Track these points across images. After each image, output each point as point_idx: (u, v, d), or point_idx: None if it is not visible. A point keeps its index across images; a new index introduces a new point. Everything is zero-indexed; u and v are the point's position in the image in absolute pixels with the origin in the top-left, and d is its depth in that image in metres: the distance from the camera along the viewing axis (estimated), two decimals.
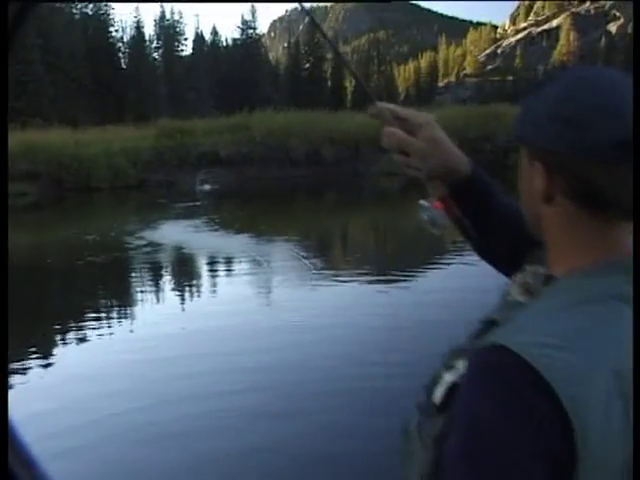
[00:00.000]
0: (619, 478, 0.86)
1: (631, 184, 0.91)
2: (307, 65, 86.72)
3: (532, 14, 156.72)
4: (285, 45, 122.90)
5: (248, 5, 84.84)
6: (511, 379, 0.85)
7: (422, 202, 1.30)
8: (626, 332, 0.87)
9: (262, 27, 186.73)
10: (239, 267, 11.93)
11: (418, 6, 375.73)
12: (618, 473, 0.85)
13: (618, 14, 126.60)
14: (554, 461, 0.81)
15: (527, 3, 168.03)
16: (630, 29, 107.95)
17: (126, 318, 8.51)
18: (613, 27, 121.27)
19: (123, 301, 9.80)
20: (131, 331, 7.86)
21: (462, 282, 9.36)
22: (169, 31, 73.45)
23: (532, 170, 1.01)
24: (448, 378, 0.99)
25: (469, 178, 1.29)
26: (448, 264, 10.92)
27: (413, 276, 10.30)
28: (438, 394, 0.99)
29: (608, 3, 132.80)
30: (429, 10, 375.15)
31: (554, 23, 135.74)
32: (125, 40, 67.75)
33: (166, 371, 6.19)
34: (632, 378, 0.84)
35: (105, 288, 11.27)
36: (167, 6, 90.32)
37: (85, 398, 5.55)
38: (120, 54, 66.63)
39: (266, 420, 4.93)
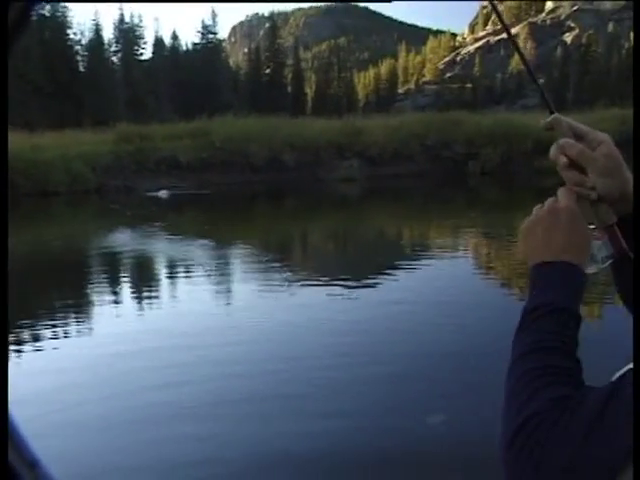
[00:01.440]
0: None
1: None
2: (267, 70, 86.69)
3: (490, 23, 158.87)
4: (245, 50, 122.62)
5: (209, 9, 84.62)
6: None
7: None
8: None
9: (222, 32, 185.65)
10: (193, 273, 11.76)
11: (379, 13, 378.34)
12: None
13: (573, 25, 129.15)
14: None
15: (485, 12, 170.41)
16: (584, 39, 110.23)
17: (79, 321, 8.38)
18: (568, 37, 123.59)
19: (77, 305, 9.63)
20: (85, 332, 7.75)
21: (419, 288, 9.48)
22: (128, 34, 72.68)
23: None
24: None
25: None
26: (408, 269, 11.02)
27: (372, 281, 10.35)
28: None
29: (564, 14, 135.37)
30: (389, 17, 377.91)
31: (512, 32, 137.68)
32: (83, 43, 66.69)
33: (119, 367, 6.23)
34: None
35: (59, 292, 11.09)
36: (126, 9, 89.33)
37: (43, 391, 5.55)
38: (78, 57, 65.61)
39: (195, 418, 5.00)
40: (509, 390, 0.96)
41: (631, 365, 0.90)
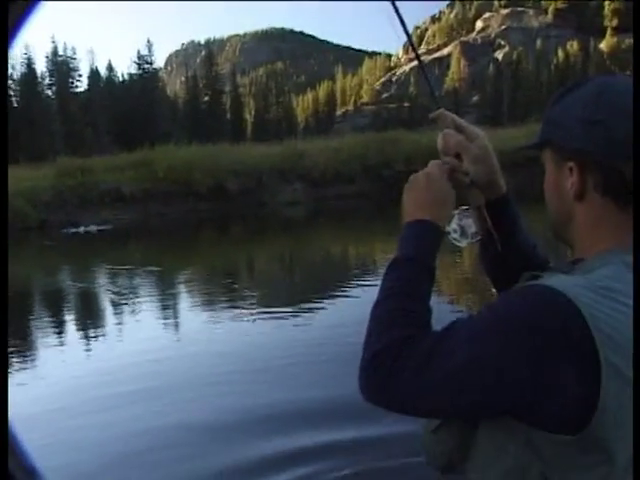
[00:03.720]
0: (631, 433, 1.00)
1: None
2: (206, 98, 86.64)
3: (424, 43, 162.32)
4: (183, 79, 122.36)
5: (144, 39, 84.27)
6: (553, 306, 0.98)
7: (454, 212, 1.37)
8: (626, 290, 1.01)
9: (159, 61, 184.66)
10: (138, 307, 11.58)
11: (314, 37, 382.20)
12: (630, 426, 0.99)
13: (503, 42, 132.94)
14: (579, 379, 0.95)
15: (419, 32, 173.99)
16: (515, 56, 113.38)
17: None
18: (499, 54, 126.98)
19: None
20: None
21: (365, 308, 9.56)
22: (62, 67, 71.73)
23: (562, 172, 1.14)
24: None
25: (505, 196, 1.40)
26: (353, 291, 11.09)
27: (317, 305, 10.32)
28: None
29: (493, 32, 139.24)
30: (325, 40, 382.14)
31: (445, 51, 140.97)
32: (15, 77, 65.55)
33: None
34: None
35: None
36: (59, 42, 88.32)
37: None
38: (11, 92, 64.42)
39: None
40: (368, 328, 1.14)
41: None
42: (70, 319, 11.26)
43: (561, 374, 0.96)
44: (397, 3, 1.45)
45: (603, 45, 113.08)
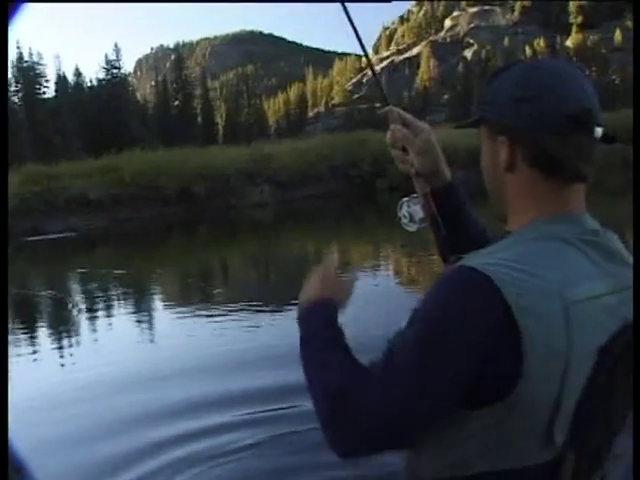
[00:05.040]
0: (548, 411, 1.06)
1: (579, 151, 1.13)
2: (176, 102, 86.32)
3: (393, 43, 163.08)
4: (153, 83, 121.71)
5: (111, 44, 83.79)
6: (473, 288, 1.05)
7: (404, 199, 1.52)
8: (569, 265, 1.08)
9: (127, 66, 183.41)
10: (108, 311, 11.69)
11: (284, 39, 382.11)
12: (550, 404, 1.05)
13: (472, 41, 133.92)
14: (497, 355, 1.03)
15: (388, 33, 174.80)
16: (484, 54, 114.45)
17: None
18: (468, 53, 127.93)
19: None
20: None
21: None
22: (29, 73, 70.99)
23: (495, 145, 1.21)
24: None
25: (449, 184, 1.52)
26: None
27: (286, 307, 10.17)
28: None
29: (462, 31, 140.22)
30: (295, 42, 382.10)
31: (414, 51, 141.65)
32: None
33: None
34: (577, 304, 1.05)
35: None
36: (25, 48, 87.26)
37: None
38: None
39: None
40: (312, 397, 1.17)
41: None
42: (39, 326, 11.19)
43: (492, 352, 1.03)
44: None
45: (569, 42, 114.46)
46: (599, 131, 1.15)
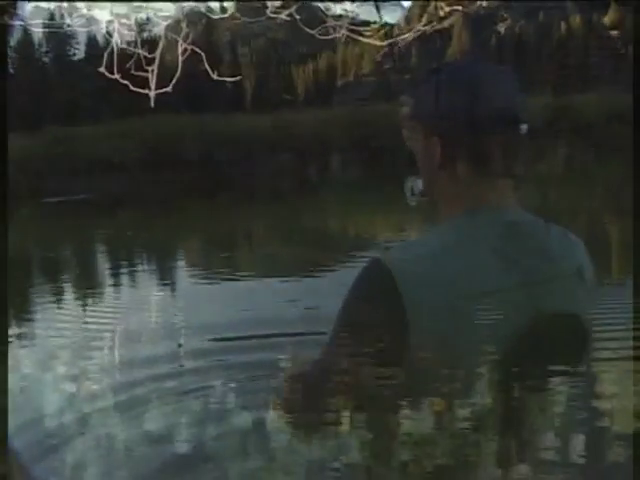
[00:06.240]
0: None
1: (505, 148, 1.21)
2: (205, 68, 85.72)
3: (426, 15, 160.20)
4: (182, 47, 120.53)
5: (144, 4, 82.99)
6: (374, 276, 1.17)
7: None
8: (476, 259, 1.17)
9: (157, 29, 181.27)
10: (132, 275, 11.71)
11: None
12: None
13: (506, 15, 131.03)
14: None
15: (420, 4, 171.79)
16: (518, 29, 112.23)
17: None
18: (502, 27, 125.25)
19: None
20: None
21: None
22: (60, 33, 70.80)
23: (429, 143, 1.26)
24: None
25: None
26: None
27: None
28: None
29: (496, 4, 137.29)
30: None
31: (446, 24, 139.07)
32: (12, 44, 64.75)
33: None
34: (474, 298, 1.14)
35: None
36: (56, 8, 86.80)
37: None
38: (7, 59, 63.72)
39: None
40: None
41: None
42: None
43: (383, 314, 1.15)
44: None
45: (606, 19, 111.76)
46: (524, 128, 1.22)
